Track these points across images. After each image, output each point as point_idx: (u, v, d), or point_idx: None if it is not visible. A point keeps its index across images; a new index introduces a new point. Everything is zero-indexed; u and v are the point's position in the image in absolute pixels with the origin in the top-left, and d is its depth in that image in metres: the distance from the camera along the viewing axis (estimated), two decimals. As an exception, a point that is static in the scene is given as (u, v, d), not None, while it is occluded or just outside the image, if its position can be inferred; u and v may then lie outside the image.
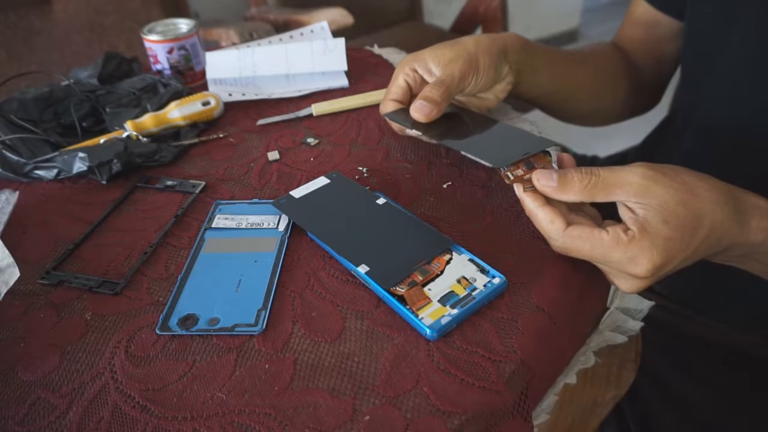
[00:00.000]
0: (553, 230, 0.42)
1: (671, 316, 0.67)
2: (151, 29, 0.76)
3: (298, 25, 1.46)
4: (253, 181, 0.58)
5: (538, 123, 0.64)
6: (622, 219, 0.41)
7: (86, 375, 0.39)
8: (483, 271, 0.44)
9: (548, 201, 0.43)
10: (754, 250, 0.44)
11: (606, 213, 0.46)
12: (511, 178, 0.45)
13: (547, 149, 0.47)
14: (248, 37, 1.39)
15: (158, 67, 0.76)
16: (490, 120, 0.55)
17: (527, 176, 0.45)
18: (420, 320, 0.40)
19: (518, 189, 0.44)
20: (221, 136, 0.65)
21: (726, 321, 0.65)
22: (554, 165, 0.47)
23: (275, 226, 0.50)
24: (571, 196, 0.42)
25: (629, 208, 0.41)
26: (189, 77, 0.78)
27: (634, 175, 0.40)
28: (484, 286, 0.42)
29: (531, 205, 0.43)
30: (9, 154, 0.59)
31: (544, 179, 0.43)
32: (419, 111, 0.52)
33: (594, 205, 0.46)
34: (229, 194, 0.56)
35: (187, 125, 0.66)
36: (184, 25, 0.78)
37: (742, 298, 0.64)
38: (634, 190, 0.40)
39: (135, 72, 0.77)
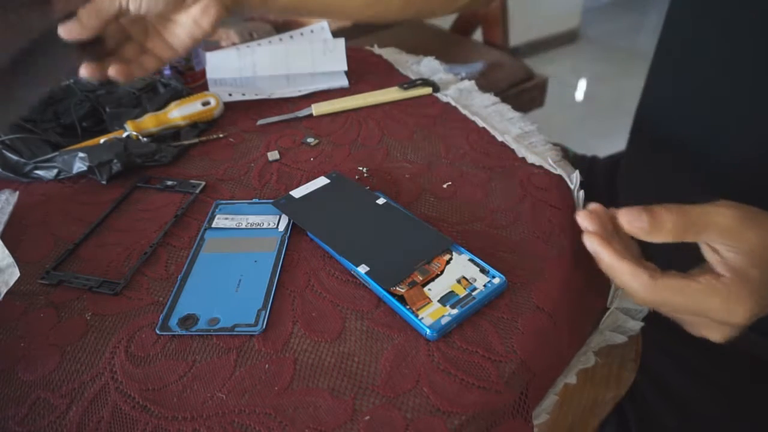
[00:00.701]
0: (640, 284, 0.39)
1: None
2: (151, 29, 0.76)
3: (298, 25, 1.45)
4: (253, 181, 0.58)
5: (538, 123, 0.64)
6: (707, 259, 0.40)
7: (86, 375, 0.39)
8: (483, 271, 0.44)
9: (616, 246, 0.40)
10: None
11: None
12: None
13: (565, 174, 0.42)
14: (248, 37, 1.39)
15: (158, 67, 0.76)
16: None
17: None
18: (420, 320, 0.40)
19: (592, 241, 0.40)
20: (221, 136, 0.65)
21: None
22: (575, 192, 0.42)
23: (275, 226, 0.50)
24: (663, 236, 0.39)
25: (714, 249, 0.39)
26: (189, 77, 0.78)
27: (725, 217, 0.38)
28: (484, 286, 0.42)
29: (610, 259, 0.39)
30: (9, 154, 0.59)
31: (635, 221, 0.39)
32: None
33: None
34: (229, 194, 0.56)
35: (187, 125, 0.66)
36: (184, 25, 0.78)
37: None
38: (724, 232, 0.38)
39: (135, 72, 0.77)
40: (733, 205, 0.39)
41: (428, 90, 0.71)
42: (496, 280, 0.43)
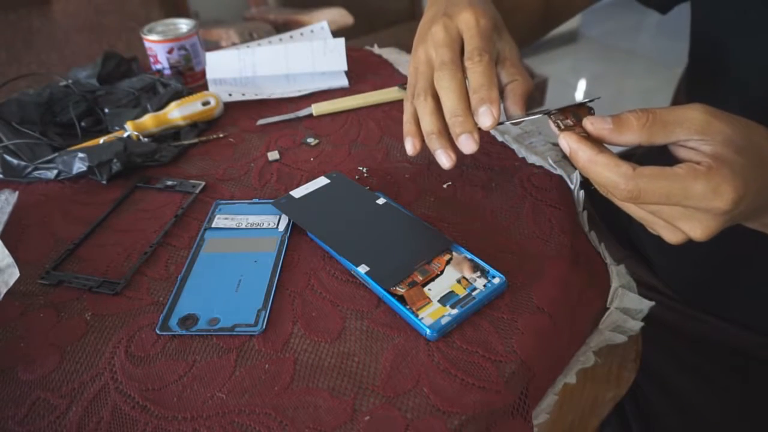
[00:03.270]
0: (620, 174, 0.38)
1: (672, 316, 0.68)
2: (151, 29, 0.76)
3: (298, 25, 1.46)
4: (253, 181, 0.58)
5: (538, 123, 0.63)
6: (682, 159, 0.39)
7: (86, 375, 0.39)
8: (483, 271, 0.44)
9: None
10: None
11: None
12: (562, 127, 0.41)
13: (590, 104, 0.44)
14: (248, 37, 1.39)
15: (158, 67, 0.76)
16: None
17: (577, 130, 0.41)
18: (420, 320, 0.40)
19: (569, 138, 0.40)
20: (221, 136, 0.65)
21: (733, 320, 0.65)
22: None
23: (275, 226, 0.50)
24: (629, 136, 0.38)
25: (691, 148, 0.38)
26: (189, 77, 0.78)
27: (693, 110, 0.38)
28: (484, 286, 0.42)
29: (588, 152, 0.39)
30: (9, 158, 0.59)
31: (598, 122, 0.39)
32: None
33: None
34: (229, 194, 0.56)
35: (187, 125, 0.66)
36: (184, 25, 0.78)
37: (752, 296, 0.63)
38: (695, 126, 0.37)
39: (134, 72, 0.77)
40: (702, 104, 0.38)
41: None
42: (496, 280, 0.43)
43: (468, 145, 0.46)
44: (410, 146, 0.50)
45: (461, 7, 0.49)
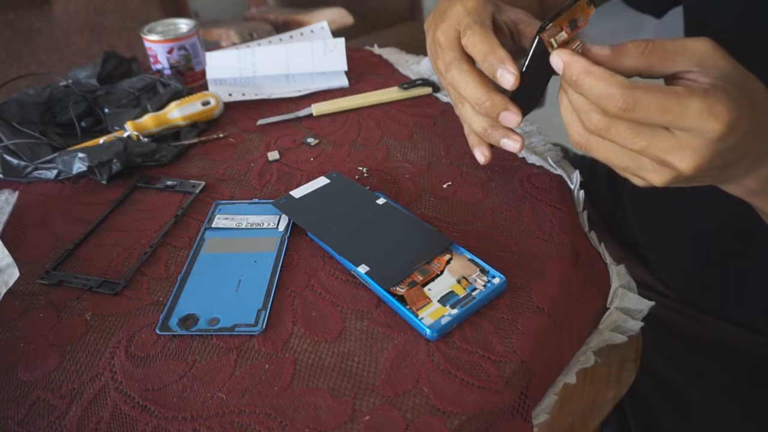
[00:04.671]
0: (616, 83, 0.35)
1: (672, 316, 0.68)
2: (151, 29, 0.76)
3: (298, 25, 1.46)
4: (253, 181, 0.58)
5: (538, 123, 0.64)
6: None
7: (86, 375, 0.39)
8: (483, 271, 0.44)
9: None
10: None
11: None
12: (555, 45, 0.38)
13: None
14: (248, 37, 1.39)
15: (158, 67, 0.76)
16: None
17: (574, 44, 0.39)
18: (420, 320, 0.40)
19: (561, 52, 0.37)
20: (221, 136, 0.65)
21: (733, 320, 0.65)
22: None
23: (275, 226, 0.50)
24: (628, 62, 0.37)
25: (689, 80, 0.37)
26: (189, 77, 0.78)
27: (698, 42, 0.36)
28: (484, 286, 0.42)
29: (582, 63, 0.36)
30: (9, 158, 0.59)
31: (595, 48, 0.38)
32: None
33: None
34: (229, 194, 0.56)
35: (187, 125, 0.66)
36: (184, 25, 0.78)
37: (752, 295, 0.63)
38: (697, 56, 0.36)
39: (134, 72, 0.77)
40: (705, 37, 0.37)
41: (428, 90, 0.71)
42: (496, 280, 0.43)
43: (511, 118, 0.46)
44: (480, 156, 0.53)
45: (453, 2, 0.50)
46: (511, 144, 0.49)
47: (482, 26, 0.47)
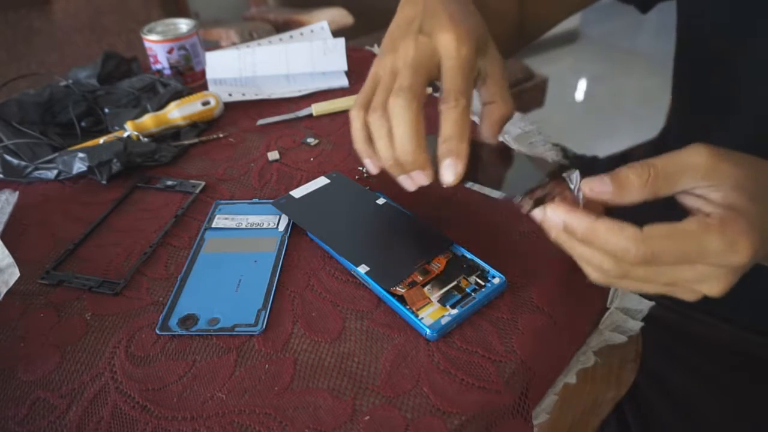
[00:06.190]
0: (628, 237, 0.33)
1: (672, 316, 0.68)
2: (151, 29, 0.77)
3: (298, 25, 1.46)
4: (253, 181, 0.58)
5: (538, 123, 0.64)
6: (691, 209, 0.36)
7: (86, 375, 0.39)
8: (483, 271, 0.44)
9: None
10: None
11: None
12: (531, 206, 0.38)
13: (565, 174, 0.40)
14: (248, 37, 1.39)
15: (158, 67, 0.76)
16: (492, 145, 0.45)
17: (555, 198, 0.37)
18: (420, 320, 0.40)
19: (557, 211, 0.36)
20: (221, 136, 0.65)
21: (733, 320, 0.65)
22: (575, 192, 0.38)
23: (275, 226, 0.50)
24: (633, 196, 0.35)
25: (698, 196, 0.35)
26: (189, 77, 0.78)
27: (696, 155, 0.34)
28: (484, 286, 0.42)
29: (586, 220, 0.35)
30: (9, 158, 0.59)
31: (597, 186, 0.35)
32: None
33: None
34: (229, 194, 0.56)
35: (187, 125, 0.66)
36: (184, 25, 0.78)
37: (752, 296, 0.63)
38: (701, 172, 0.34)
39: (134, 72, 0.77)
40: (701, 145, 0.35)
41: (428, 90, 0.71)
42: (496, 280, 0.43)
43: (419, 179, 0.41)
44: (371, 167, 0.46)
45: (441, 23, 0.42)
46: (407, 184, 0.43)
47: (467, 104, 0.41)
